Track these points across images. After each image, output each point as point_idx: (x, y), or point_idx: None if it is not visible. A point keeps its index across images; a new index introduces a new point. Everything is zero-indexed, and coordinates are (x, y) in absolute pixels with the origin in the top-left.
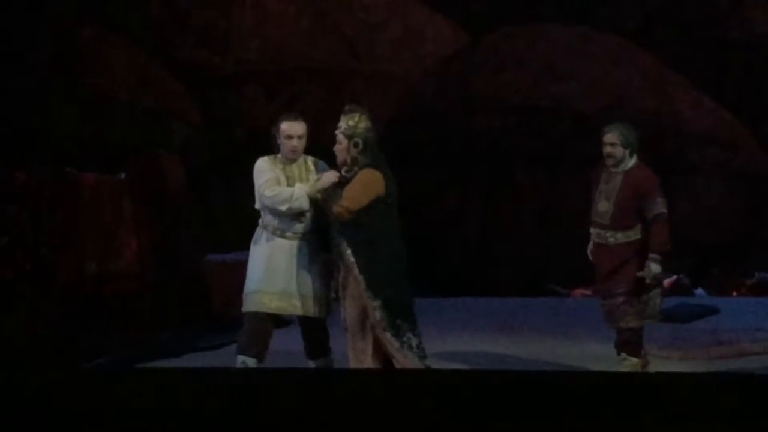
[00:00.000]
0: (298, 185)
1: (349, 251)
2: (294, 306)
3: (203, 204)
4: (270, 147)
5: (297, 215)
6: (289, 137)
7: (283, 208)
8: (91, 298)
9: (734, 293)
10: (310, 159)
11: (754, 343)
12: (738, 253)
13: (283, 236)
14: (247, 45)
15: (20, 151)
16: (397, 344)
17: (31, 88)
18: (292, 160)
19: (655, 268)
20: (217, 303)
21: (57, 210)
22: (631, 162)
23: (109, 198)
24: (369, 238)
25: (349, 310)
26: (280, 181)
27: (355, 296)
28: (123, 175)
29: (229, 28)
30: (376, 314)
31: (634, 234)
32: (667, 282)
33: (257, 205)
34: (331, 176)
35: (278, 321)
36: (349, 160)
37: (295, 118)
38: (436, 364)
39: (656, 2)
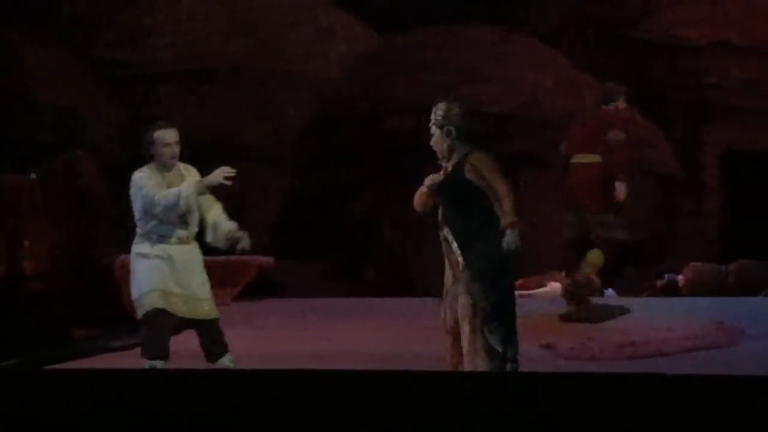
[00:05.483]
0: (183, 183)
1: (455, 244)
2: (192, 309)
3: (118, 203)
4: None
5: (181, 222)
6: (168, 144)
7: (175, 212)
8: (2, 299)
9: (644, 294)
10: (181, 165)
11: (665, 343)
12: (652, 253)
13: (168, 243)
14: (163, 44)
15: None
16: (486, 347)
17: None
18: (170, 167)
19: None
20: (129, 303)
21: None
22: None
23: (20, 198)
24: (477, 229)
25: (450, 313)
26: (163, 188)
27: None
28: (33, 175)
29: (144, 27)
30: (477, 312)
31: None
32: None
33: (138, 216)
34: (218, 172)
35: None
36: (446, 150)
37: (169, 126)
38: (361, 365)
39: (572, 4)
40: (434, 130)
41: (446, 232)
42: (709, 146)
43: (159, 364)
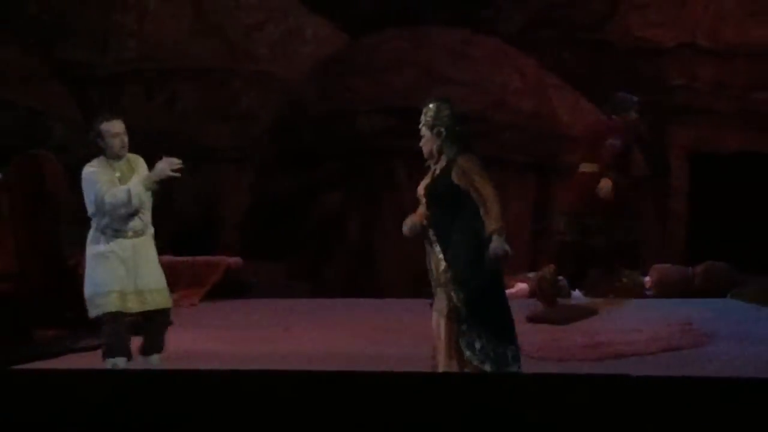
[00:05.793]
0: (132, 181)
1: (438, 247)
2: (145, 302)
3: (83, 204)
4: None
5: (134, 214)
6: (116, 135)
7: (125, 209)
8: None
9: (611, 295)
10: (130, 155)
11: (630, 344)
12: (617, 254)
13: (124, 236)
14: (127, 44)
15: None
16: (458, 349)
17: None
18: (121, 158)
19: None
20: None
21: None
22: None
23: None
24: (461, 231)
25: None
26: (115, 182)
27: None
28: (0, 176)
29: (108, 27)
30: (452, 313)
31: None
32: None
33: (92, 211)
34: (164, 165)
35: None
36: (435, 151)
37: (114, 117)
38: (333, 366)
39: (537, 5)
40: (424, 131)
41: (430, 233)
42: (677, 148)
43: (121, 363)
